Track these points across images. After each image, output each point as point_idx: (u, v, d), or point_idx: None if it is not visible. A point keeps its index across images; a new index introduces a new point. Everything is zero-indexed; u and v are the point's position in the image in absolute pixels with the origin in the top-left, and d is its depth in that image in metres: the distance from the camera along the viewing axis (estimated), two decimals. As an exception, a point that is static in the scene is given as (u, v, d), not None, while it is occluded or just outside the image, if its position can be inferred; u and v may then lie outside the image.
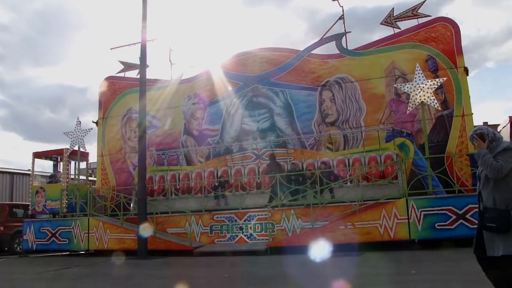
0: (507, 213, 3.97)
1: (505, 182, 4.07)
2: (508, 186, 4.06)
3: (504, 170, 4.03)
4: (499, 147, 4.20)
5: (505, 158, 4.07)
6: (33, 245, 16.20)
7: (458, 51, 14.87)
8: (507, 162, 4.04)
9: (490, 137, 4.27)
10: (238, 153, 17.13)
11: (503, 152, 4.14)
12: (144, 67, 14.69)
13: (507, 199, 4.03)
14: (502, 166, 4.03)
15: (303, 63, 17.01)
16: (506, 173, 4.04)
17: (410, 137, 14.98)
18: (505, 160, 4.05)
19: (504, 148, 4.16)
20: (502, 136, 4.40)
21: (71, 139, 16.96)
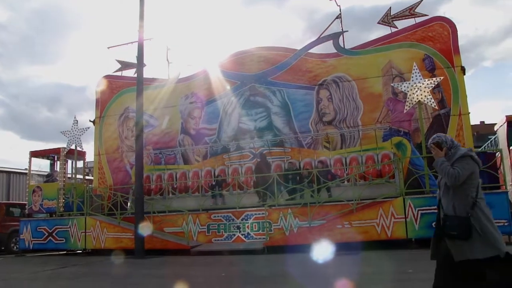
0: (467, 220, 4.00)
1: (463, 189, 4.09)
2: (466, 193, 4.09)
3: (461, 178, 4.06)
4: (456, 155, 4.22)
5: (462, 165, 4.10)
6: (30, 245, 16.16)
7: (455, 50, 14.90)
8: (464, 169, 4.07)
9: (448, 144, 4.29)
10: (235, 152, 17.13)
11: (460, 159, 4.16)
12: (141, 66, 14.65)
13: (466, 206, 4.05)
14: (459, 173, 4.05)
15: (301, 62, 17.00)
16: (464, 180, 4.07)
17: (407, 136, 15.00)
18: (462, 167, 4.08)
19: (461, 155, 4.18)
20: (459, 143, 4.45)
21: (68, 138, 16.92)
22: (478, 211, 4.02)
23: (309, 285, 7.18)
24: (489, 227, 4.02)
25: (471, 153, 4.18)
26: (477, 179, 4.13)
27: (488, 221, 4.02)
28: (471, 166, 4.10)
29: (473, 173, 4.10)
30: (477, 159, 4.19)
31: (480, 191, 4.10)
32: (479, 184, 4.12)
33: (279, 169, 15.53)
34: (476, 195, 4.05)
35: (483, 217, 4.01)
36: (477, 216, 4.01)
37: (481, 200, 4.08)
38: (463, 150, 4.23)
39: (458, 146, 4.32)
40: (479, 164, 4.21)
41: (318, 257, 8.48)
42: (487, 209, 4.08)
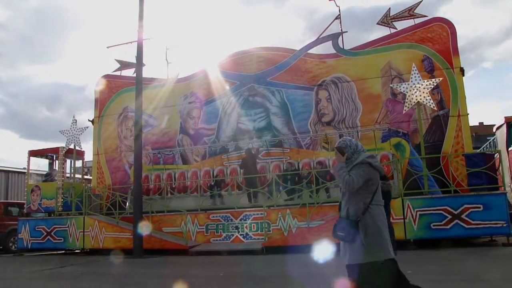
0: (355, 224, 4.04)
1: (358, 195, 4.12)
2: (360, 199, 4.11)
3: (355, 185, 4.08)
4: (356, 160, 4.24)
5: (358, 172, 4.12)
6: (28, 244, 16.14)
7: (454, 51, 14.90)
8: (358, 177, 4.08)
9: (352, 149, 4.28)
10: (234, 152, 17.12)
11: (357, 166, 4.18)
12: (140, 66, 14.65)
13: (357, 211, 4.09)
14: (352, 180, 4.08)
15: (300, 63, 17.01)
16: (360, 187, 4.09)
17: (406, 137, 15.00)
18: (357, 174, 4.10)
19: (358, 162, 4.20)
20: (364, 148, 4.41)
21: (67, 138, 16.91)
22: (368, 217, 4.05)
23: (307, 285, 7.18)
24: (375, 234, 4.03)
25: (369, 160, 4.18)
26: (374, 185, 4.15)
27: (375, 228, 4.04)
28: (367, 173, 4.11)
29: (370, 179, 4.12)
30: (377, 166, 4.20)
31: (377, 198, 4.13)
32: (376, 191, 4.15)
33: (277, 169, 15.52)
34: (370, 201, 4.09)
35: (372, 223, 4.04)
36: (365, 221, 4.04)
37: (375, 206, 4.11)
38: (363, 156, 4.22)
39: (361, 151, 4.31)
40: (379, 170, 4.23)
41: (318, 257, 8.46)
42: (379, 216, 4.11)
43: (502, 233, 11.39)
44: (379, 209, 4.15)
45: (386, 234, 4.09)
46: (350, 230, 4.04)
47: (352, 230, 4.03)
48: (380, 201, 4.19)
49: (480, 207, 11.17)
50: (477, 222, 11.11)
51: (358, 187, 4.08)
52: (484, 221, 11.08)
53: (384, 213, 4.21)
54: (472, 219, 11.14)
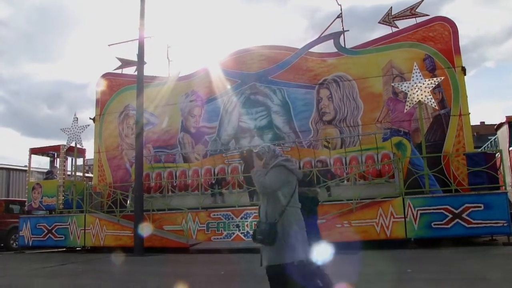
0: (273, 226, 4.11)
1: (275, 197, 4.19)
2: (277, 201, 4.18)
3: (269, 187, 4.18)
4: (273, 164, 4.32)
5: (273, 174, 4.20)
6: (29, 242, 16.17)
7: (456, 51, 14.88)
8: (273, 178, 4.17)
9: (270, 154, 4.37)
10: (235, 151, 17.12)
11: (273, 168, 4.27)
12: (141, 64, 14.65)
13: (274, 213, 4.16)
14: (266, 182, 4.17)
15: (301, 61, 16.99)
16: (276, 189, 4.17)
17: (407, 136, 14.99)
18: (273, 176, 4.19)
19: (274, 165, 4.28)
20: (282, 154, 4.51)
21: (68, 136, 16.90)
22: (285, 218, 4.12)
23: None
24: (291, 236, 4.10)
25: (284, 163, 4.26)
26: (291, 188, 4.22)
27: (292, 230, 4.11)
28: (282, 175, 4.20)
29: (286, 182, 4.20)
30: (293, 169, 4.28)
31: (294, 200, 4.21)
32: (293, 193, 4.22)
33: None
34: (287, 203, 4.16)
35: (289, 225, 4.11)
36: (283, 223, 4.11)
37: (293, 208, 4.19)
38: (279, 159, 4.31)
39: (279, 155, 4.40)
40: (296, 174, 4.31)
41: (317, 260, 8.44)
42: (296, 218, 4.19)
43: (503, 233, 11.39)
44: (297, 211, 4.24)
45: (303, 235, 4.18)
46: (269, 233, 4.12)
47: (271, 232, 4.10)
48: (297, 204, 4.29)
49: (481, 206, 11.17)
50: (477, 222, 11.11)
51: (273, 189, 4.17)
52: (484, 220, 11.08)
53: (301, 215, 4.30)
54: (473, 218, 11.15)
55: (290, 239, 4.08)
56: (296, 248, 4.07)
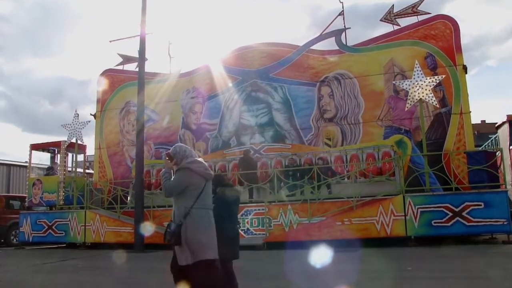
0: (178, 227, 4.19)
1: (181, 199, 4.26)
2: (182, 203, 4.25)
3: (172, 189, 4.28)
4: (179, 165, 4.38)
5: (177, 177, 4.29)
6: (29, 237, 16.19)
7: (457, 49, 14.86)
8: (176, 181, 4.26)
9: (181, 155, 4.40)
10: (236, 148, 17.13)
11: (178, 171, 4.34)
12: (143, 61, 14.65)
13: (180, 214, 4.23)
14: (169, 185, 4.28)
15: (302, 59, 16.98)
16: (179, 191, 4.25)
17: (408, 134, 14.99)
18: (176, 179, 4.28)
19: (179, 167, 4.34)
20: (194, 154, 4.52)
21: (69, 132, 16.90)
22: (190, 220, 4.18)
23: (308, 281, 7.21)
24: (195, 236, 4.17)
25: (190, 165, 4.30)
26: (196, 190, 4.26)
27: (197, 231, 4.17)
28: (187, 177, 4.25)
29: (190, 184, 4.25)
30: (200, 171, 4.32)
31: (201, 202, 4.25)
32: (200, 194, 4.26)
33: (279, 165, 15.51)
34: (192, 205, 4.21)
35: (193, 226, 4.17)
36: (187, 225, 4.18)
37: (199, 210, 4.23)
38: (186, 161, 4.34)
39: (189, 157, 4.42)
40: (202, 175, 4.36)
41: (316, 262, 8.46)
42: (203, 219, 4.25)
43: (503, 231, 11.40)
44: (204, 212, 4.29)
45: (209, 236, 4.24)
46: (175, 233, 4.20)
47: (176, 233, 4.19)
48: (206, 205, 4.33)
49: (481, 204, 11.19)
50: (477, 220, 11.13)
51: (177, 191, 4.25)
52: (484, 218, 11.10)
53: (209, 216, 4.35)
54: (473, 216, 11.16)
55: (194, 240, 4.15)
56: (199, 249, 4.14)
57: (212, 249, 4.24)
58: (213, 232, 4.33)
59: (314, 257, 8.99)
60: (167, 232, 4.28)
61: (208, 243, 4.22)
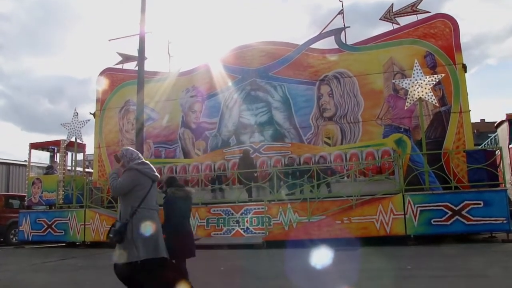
0: (123, 226, 4.32)
1: (127, 199, 4.38)
2: (129, 203, 4.38)
3: (118, 189, 4.39)
4: (127, 166, 4.49)
5: (123, 178, 4.39)
6: (29, 236, 16.18)
7: (457, 48, 14.88)
8: (123, 182, 4.36)
9: (128, 158, 4.53)
10: (235, 146, 17.13)
11: (125, 172, 4.45)
12: (142, 60, 14.62)
13: (126, 213, 4.36)
14: (116, 186, 4.39)
15: (302, 57, 16.99)
16: (127, 191, 4.36)
17: (407, 133, 15.00)
18: (122, 180, 4.38)
19: (127, 168, 4.45)
20: (140, 157, 4.61)
21: (68, 131, 16.87)
22: (136, 219, 4.31)
23: (308, 280, 7.21)
24: (139, 236, 4.28)
25: (137, 167, 4.41)
26: (143, 190, 4.38)
27: (143, 230, 4.29)
28: (133, 178, 4.36)
29: (137, 185, 4.36)
30: (147, 172, 4.42)
31: (147, 202, 4.38)
32: (146, 195, 4.38)
33: (279, 164, 15.52)
34: (139, 205, 4.33)
35: (140, 225, 4.30)
36: (132, 224, 4.31)
37: (144, 210, 4.36)
38: (133, 163, 4.45)
39: (136, 159, 4.53)
40: (149, 176, 4.46)
41: (316, 263, 8.47)
42: (147, 219, 4.36)
43: (502, 230, 11.41)
44: (149, 212, 4.41)
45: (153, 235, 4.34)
46: (118, 232, 4.33)
47: (120, 231, 4.32)
48: (151, 206, 4.46)
49: (481, 203, 11.20)
50: (477, 219, 11.14)
51: (124, 191, 4.36)
52: (484, 217, 11.11)
53: (154, 217, 4.45)
54: (473, 215, 11.17)
55: (137, 239, 4.25)
56: (140, 248, 4.23)
57: (158, 248, 4.35)
58: (159, 232, 4.46)
59: (314, 258, 8.99)
60: (111, 230, 4.42)
61: (151, 243, 4.32)
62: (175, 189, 5.86)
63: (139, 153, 4.67)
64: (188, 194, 5.96)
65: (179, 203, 5.72)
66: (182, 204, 5.77)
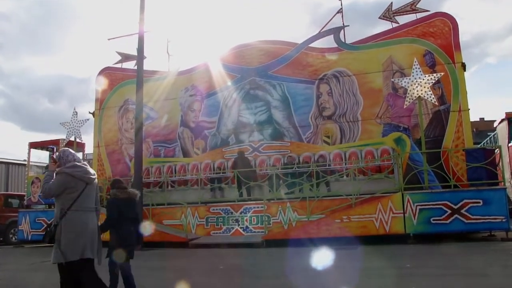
0: (54, 227, 4.36)
1: (59, 201, 4.39)
2: (60, 205, 4.39)
3: (49, 192, 4.40)
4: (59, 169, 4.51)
5: (55, 180, 4.41)
6: (28, 236, 16.19)
7: (456, 47, 14.87)
8: (53, 185, 4.38)
9: (64, 160, 4.55)
10: (234, 145, 17.13)
11: (56, 174, 4.47)
12: (141, 59, 14.61)
13: (57, 215, 4.38)
14: (46, 188, 4.41)
15: (301, 56, 16.98)
16: (57, 194, 4.37)
17: (406, 132, 14.99)
18: (53, 183, 4.40)
19: (58, 171, 4.47)
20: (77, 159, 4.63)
21: (68, 130, 16.86)
22: (65, 221, 4.32)
23: (308, 279, 7.21)
24: (66, 238, 4.28)
25: (67, 170, 4.43)
26: (74, 192, 4.39)
27: (69, 232, 4.29)
28: (63, 181, 4.37)
29: (68, 187, 4.37)
30: (78, 175, 4.43)
31: (78, 204, 4.38)
32: (77, 198, 4.39)
33: (278, 163, 15.53)
34: (69, 207, 4.34)
35: (66, 227, 4.30)
36: (62, 225, 4.31)
37: (75, 212, 4.36)
38: (64, 166, 4.48)
39: (71, 161, 4.55)
40: (82, 179, 4.46)
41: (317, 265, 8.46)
42: (76, 221, 4.36)
43: (501, 228, 11.42)
44: (80, 214, 4.40)
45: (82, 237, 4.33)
46: (49, 233, 4.40)
47: (50, 233, 4.37)
48: (85, 207, 4.46)
49: (480, 202, 11.21)
50: (476, 217, 11.15)
51: (54, 194, 4.39)
52: (483, 216, 11.13)
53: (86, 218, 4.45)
54: (472, 214, 11.18)
55: (63, 240, 4.26)
56: (67, 250, 4.24)
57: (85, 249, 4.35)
58: (90, 233, 4.44)
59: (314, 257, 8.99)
60: (46, 232, 4.51)
61: (81, 244, 4.33)
62: (117, 191, 6.01)
63: (76, 154, 4.72)
64: (131, 196, 6.11)
65: (120, 205, 5.89)
66: (124, 206, 5.93)
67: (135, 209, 6.23)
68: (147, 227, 13.27)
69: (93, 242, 4.45)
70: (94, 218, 4.57)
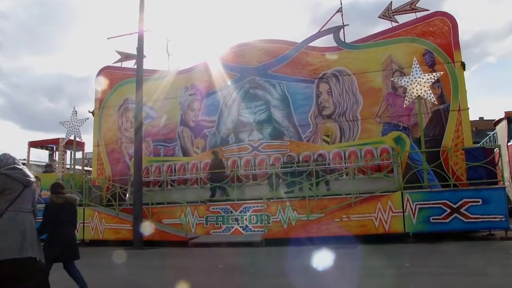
0: None
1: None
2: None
3: None
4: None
5: None
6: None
7: (456, 46, 14.88)
8: None
9: (4, 163, 4.63)
10: (234, 145, 17.14)
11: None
12: (141, 58, 14.61)
13: None
14: None
15: (301, 56, 16.98)
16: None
17: (406, 131, 15.01)
18: None
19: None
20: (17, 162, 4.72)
21: (67, 129, 16.86)
22: (1, 222, 4.38)
23: (307, 277, 7.22)
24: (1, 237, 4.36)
25: (6, 172, 4.53)
26: (13, 194, 4.49)
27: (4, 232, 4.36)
28: (1, 183, 4.45)
29: (6, 189, 4.47)
30: (17, 177, 4.54)
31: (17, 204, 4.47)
32: (16, 198, 4.48)
33: (278, 162, 15.54)
34: (6, 208, 4.43)
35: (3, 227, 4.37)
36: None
37: (12, 212, 4.46)
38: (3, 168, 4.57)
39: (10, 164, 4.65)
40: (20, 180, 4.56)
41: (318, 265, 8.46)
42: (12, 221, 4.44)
43: (501, 227, 11.42)
44: (18, 214, 4.51)
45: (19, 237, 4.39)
46: None
47: None
48: (23, 208, 4.56)
49: (479, 201, 11.22)
50: (476, 216, 11.16)
51: None
52: (483, 215, 11.13)
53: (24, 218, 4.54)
54: (471, 213, 11.19)
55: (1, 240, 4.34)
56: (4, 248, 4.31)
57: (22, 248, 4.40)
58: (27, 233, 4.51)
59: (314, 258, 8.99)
60: None
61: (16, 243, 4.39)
62: (54, 195, 6.18)
63: (17, 159, 4.83)
64: (69, 200, 6.26)
65: (56, 209, 6.05)
66: (60, 210, 6.09)
67: (73, 213, 6.38)
68: (147, 228, 13.31)
69: (33, 241, 4.54)
70: (32, 219, 4.68)
